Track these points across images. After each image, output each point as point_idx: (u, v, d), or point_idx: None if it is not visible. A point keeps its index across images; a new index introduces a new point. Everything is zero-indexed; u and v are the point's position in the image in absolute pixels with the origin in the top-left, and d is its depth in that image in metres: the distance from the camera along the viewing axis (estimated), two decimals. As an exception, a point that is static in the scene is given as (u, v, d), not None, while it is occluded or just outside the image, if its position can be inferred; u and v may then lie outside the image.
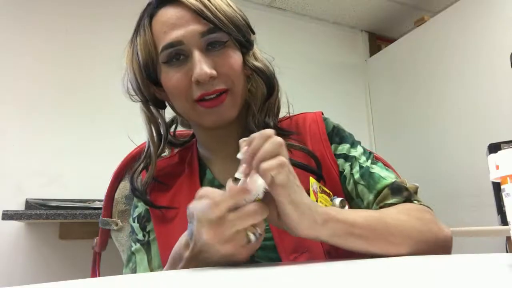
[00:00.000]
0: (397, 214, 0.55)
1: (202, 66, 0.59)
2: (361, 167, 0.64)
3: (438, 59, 2.38)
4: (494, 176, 0.32)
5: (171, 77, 0.62)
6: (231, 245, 0.42)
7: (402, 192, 0.61)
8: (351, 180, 0.64)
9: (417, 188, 0.64)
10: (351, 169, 0.65)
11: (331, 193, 0.63)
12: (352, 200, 0.65)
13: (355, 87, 2.91)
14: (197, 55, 0.60)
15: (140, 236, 0.68)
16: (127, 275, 0.43)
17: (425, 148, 2.42)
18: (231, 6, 0.65)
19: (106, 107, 2.04)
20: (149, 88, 0.68)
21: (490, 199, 1.53)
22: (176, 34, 0.61)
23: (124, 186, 0.87)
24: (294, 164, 0.53)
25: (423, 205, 0.60)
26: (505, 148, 0.91)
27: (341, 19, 2.91)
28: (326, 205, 0.61)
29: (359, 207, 0.63)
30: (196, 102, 0.62)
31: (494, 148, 1.49)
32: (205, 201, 0.43)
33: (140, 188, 0.67)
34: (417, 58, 2.54)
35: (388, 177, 0.63)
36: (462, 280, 0.29)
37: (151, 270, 0.64)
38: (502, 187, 0.31)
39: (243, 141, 0.47)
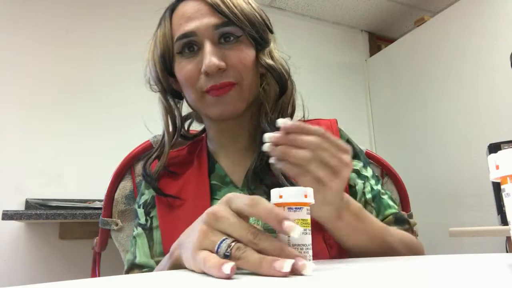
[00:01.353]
0: (400, 239, 0.59)
1: (211, 57, 0.60)
2: (372, 188, 0.67)
3: (438, 59, 2.38)
4: (494, 176, 0.31)
5: (182, 67, 0.64)
6: (201, 233, 0.38)
7: (404, 224, 0.65)
8: (363, 199, 0.66)
9: (415, 224, 0.69)
10: (364, 187, 0.67)
11: None
12: None
13: (355, 87, 2.91)
14: (208, 46, 0.61)
15: (142, 221, 0.68)
16: (127, 275, 0.43)
17: (425, 148, 2.42)
18: (250, 4, 0.66)
19: (106, 107, 2.04)
20: (167, 79, 0.70)
21: (490, 199, 1.53)
22: (190, 25, 0.63)
23: (124, 186, 0.87)
24: None
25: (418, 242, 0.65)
26: (505, 148, 0.91)
27: (341, 19, 2.91)
28: None
29: None
30: (205, 93, 0.63)
31: (494, 148, 1.49)
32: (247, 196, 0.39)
33: (151, 175, 0.68)
34: (417, 58, 2.54)
35: (393, 207, 0.66)
36: (462, 280, 0.29)
37: (152, 257, 0.65)
38: (502, 187, 0.31)
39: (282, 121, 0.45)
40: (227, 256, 0.35)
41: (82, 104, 2.01)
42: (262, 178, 0.63)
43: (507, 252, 1.57)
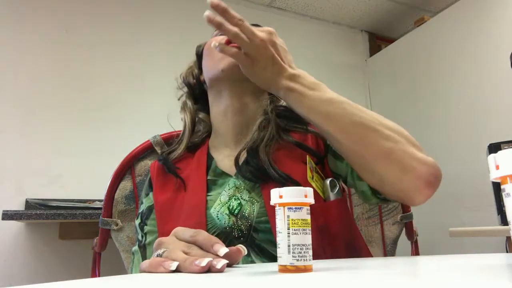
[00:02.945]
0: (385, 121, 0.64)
1: None
2: None
3: (438, 59, 2.39)
4: (494, 176, 0.31)
5: (213, 39, 0.70)
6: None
7: None
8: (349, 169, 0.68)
9: None
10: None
11: (323, 176, 0.67)
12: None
13: (355, 87, 2.91)
14: None
15: (139, 236, 0.70)
16: (127, 275, 0.43)
17: (425, 148, 2.41)
18: None
19: (106, 107, 2.04)
20: (199, 69, 0.79)
21: (490, 199, 1.53)
22: None
23: (124, 186, 0.87)
24: (298, 144, 0.68)
25: None
26: (505, 148, 0.91)
27: (341, 19, 2.91)
28: (318, 185, 0.64)
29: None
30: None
31: (494, 148, 1.49)
32: (201, 233, 0.46)
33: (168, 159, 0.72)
34: (417, 58, 2.54)
35: None
36: (462, 280, 0.29)
37: None
38: (502, 187, 0.31)
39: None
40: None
41: (82, 104, 2.01)
42: (250, 161, 0.66)
43: (507, 252, 1.57)
